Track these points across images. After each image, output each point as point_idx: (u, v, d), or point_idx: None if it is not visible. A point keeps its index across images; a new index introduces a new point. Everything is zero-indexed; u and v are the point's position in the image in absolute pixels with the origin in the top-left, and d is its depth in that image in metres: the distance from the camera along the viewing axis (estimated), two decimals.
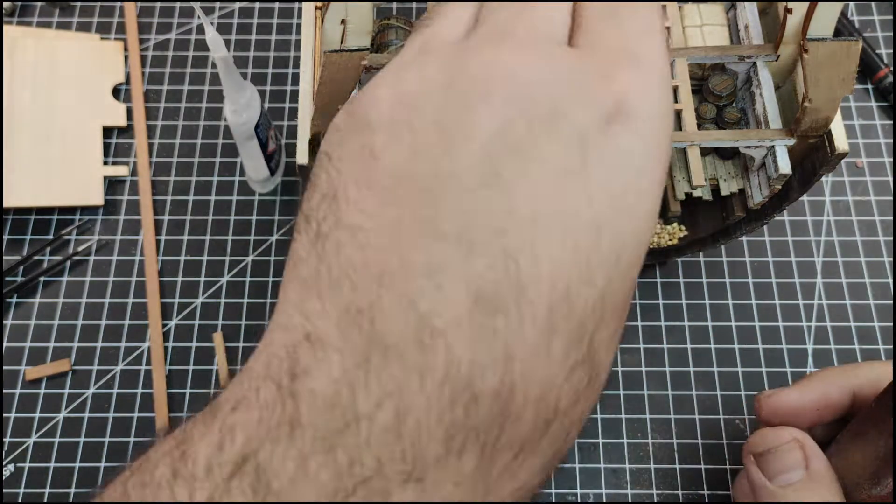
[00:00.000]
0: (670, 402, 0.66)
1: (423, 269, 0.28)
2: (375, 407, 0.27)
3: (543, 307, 0.27)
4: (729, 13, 0.56)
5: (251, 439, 0.28)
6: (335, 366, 0.28)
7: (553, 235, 0.28)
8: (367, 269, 0.29)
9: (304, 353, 0.29)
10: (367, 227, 0.29)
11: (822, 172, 0.50)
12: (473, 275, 0.27)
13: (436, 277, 0.28)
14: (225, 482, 0.28)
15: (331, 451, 0.27)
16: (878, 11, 0.81)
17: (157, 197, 0.75)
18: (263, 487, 0.27)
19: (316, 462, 0.27)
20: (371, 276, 0.28)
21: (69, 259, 0.72)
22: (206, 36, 0.59)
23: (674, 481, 0.64)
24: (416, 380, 0.27)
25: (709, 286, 0.70)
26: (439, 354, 0.27)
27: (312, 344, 0.29)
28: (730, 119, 0.54)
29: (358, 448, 0.27)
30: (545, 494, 0.63)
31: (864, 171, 0.74)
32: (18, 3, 0.82)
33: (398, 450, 0.27)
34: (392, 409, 0.27)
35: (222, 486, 0.27)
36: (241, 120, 0.66)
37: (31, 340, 0.69)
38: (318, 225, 0.31)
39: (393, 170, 0.30)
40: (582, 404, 0.29)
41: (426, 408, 0.27)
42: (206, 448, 0.28)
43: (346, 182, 0.30)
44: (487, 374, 0.27)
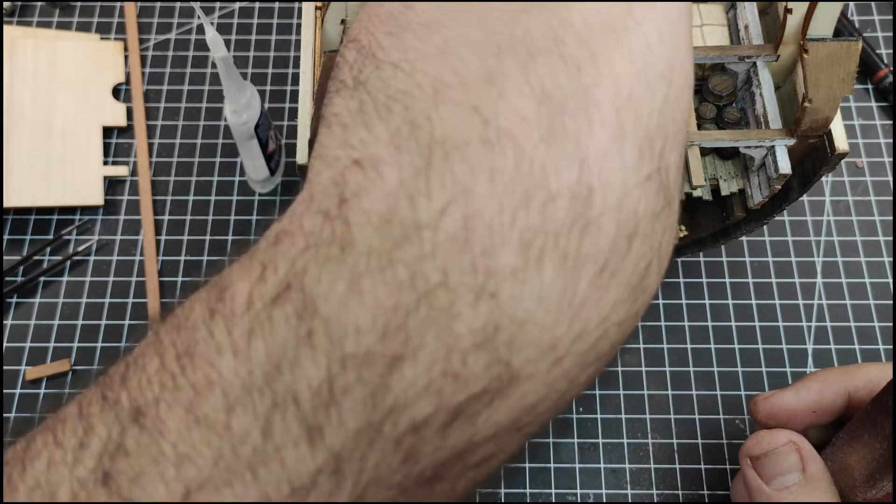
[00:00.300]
0: (670, 402, 0.66)
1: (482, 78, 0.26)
2: (439, 214, 0.25)
3: (610, 110, 0.26)
4: (729, 13, 0.56)
5: (295, 264, 0.26)
6: (390, 180, 0.26)
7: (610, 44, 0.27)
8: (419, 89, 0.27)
9: (354, 177, 0.26)
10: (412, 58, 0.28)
11: (822, 173, 0.50)
12: (536, 78, 0.26)
13: (497, 84, 0.26)
14: (266, 310, 0.26)
15: (388, 266, 0.25)
16: (878, 11, 0.81)
17: (157, 197, 0.75)
18: (310, 312, 0.25)
19: (371, 280, 0.25)
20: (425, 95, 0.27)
21: (69, 259, 0.72)
22: (206, 36, 0.59)
23: (674, 481, 0.64)
24: (484, 181, 0.25)
25: (709, 286, 0.70)
26: (508, 153, 0.25)
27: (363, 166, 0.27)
28: (730, 119, 0.54)
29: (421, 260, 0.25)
30: (545, 495, 0.63)
31: (864, 171, 0.74)
32: (18, 3, 0.82)
33: (467, 259, 0.25)
34: (459, 215, 0.25)
35: (263, 316, 0.26)
36: (241, 120, 0.66)
37: (31, 340, 0.69)
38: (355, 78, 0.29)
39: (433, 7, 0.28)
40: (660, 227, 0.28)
41: (498, 210, 0.25)
42: (247, 284, 0.27)
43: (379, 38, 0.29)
44: (562, 171, 0.25)
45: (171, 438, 0.26)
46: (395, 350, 0.25)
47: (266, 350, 0.25)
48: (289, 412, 0.25)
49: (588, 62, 0.27)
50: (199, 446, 0.25)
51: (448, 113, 0.26)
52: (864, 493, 0.46)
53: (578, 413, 0.66)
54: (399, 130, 0.26)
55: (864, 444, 0.46)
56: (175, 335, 0.27)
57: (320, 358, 0.25)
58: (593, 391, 0.66)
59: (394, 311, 0.25)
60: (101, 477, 0.26)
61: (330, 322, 0.25)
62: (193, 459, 0.25)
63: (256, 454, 0.25)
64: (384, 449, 0.25)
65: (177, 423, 0.26)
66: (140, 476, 0.26)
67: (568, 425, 0.65)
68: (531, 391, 0.26)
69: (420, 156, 0.26)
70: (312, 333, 0.25)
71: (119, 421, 0.27)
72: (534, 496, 0.63)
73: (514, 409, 0.26)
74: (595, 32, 0.27)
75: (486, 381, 0.25)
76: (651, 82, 0.27)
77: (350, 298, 0.25)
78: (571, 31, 0.27)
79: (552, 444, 0.65)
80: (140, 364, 0.28)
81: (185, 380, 0.26)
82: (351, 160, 0.27)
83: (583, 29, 0.27)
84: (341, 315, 0.25)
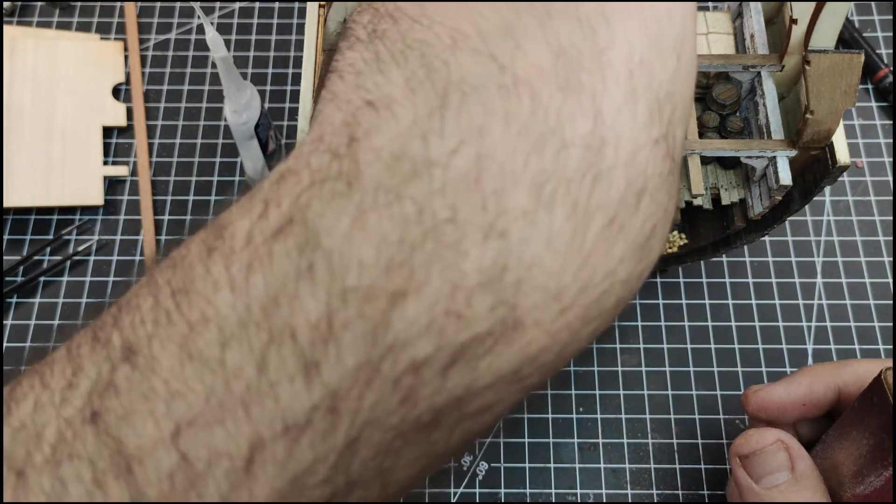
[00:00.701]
0: (670, 402, 0.66)
1: (500, 30, 0.27)
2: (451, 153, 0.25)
3: (624, 69, 0.27)
4: (735, 22, 0.56)
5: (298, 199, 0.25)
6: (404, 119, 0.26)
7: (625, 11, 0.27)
8: (438, 39, 0.27)
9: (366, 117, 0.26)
10: (431, 12, 0.28)
11: (824, 185, 0.50)
12: (553, 34, 0.26)
13: (514, 37, 0.26)
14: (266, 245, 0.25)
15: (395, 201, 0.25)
16: (878, 11, 0.81)
17: (157, 197, 0.75)
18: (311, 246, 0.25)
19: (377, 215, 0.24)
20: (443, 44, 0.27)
21: (69, 259, 0.72)
22: (206, 36, 0.59)
23: (674, 481, 0.64)
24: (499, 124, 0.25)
25: (709, 286, 0.70)
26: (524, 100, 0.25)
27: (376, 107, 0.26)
28: (733, 128, 0.54)
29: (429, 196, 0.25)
30: (545, 495, 0.63)
31: (864, 171, 0.74)
32: (18, 3, 0.82)
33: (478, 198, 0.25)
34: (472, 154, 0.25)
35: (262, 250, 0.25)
36: (241, 120, 0.66)
37: (31, 340, 0.69)
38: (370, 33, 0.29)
39: None
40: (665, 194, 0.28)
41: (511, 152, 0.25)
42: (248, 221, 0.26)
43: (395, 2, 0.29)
44: (577, 120, 0.25)
45: (162, 375, 0.25)
46: (398, 285, 0.24)
47: (264, 284, 0.25)
48: (285, 347, 0.25)
49: (603, 26, 0.27)
50: (192, 382, 0.25)
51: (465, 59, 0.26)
52: (853, 489, 0.47)
53: (578, 413, 0.66)
54: (415, 73, 0.26)
55: (851, 440, 0.47)
56: (170, 274, 0.27)
57: (320, 292, 0.24)
58: (593, 391, 0.67)
59: (399, 245, 0.24)
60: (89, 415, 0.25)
61: (332, 255, 0.25)
62: (184, 395, 0.25)
63: (250, 390, 0.25)
64: (382, 388, 0.25)
65: (169, 360, 0.25)
66: (129, 413, 0.25)
67: (568, 425, 0.66)
68: (534, 339, 0.26)
69: (436, 96, 0.26)
70: (313, 267, 0.25)
71: (110, 360, 0.26)
72: (534, 496, 0.63)
73: (516, 356, 0.26)
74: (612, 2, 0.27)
75: (489, 323, 0.25)
76: (662, 52, 0.28)
77: (354, 232, 0.25)
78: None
79: (552, 444, 0.65)
80: (133, 304, 0.27)
81: (179, 316, 0.26)
82: (364, 101, 0.27)
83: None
84: (344, 249, 0.24)
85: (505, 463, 0.64)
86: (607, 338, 0.68)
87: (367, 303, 0.24)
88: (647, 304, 0.70)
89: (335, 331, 0.24)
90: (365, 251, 0.24)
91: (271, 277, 0.25)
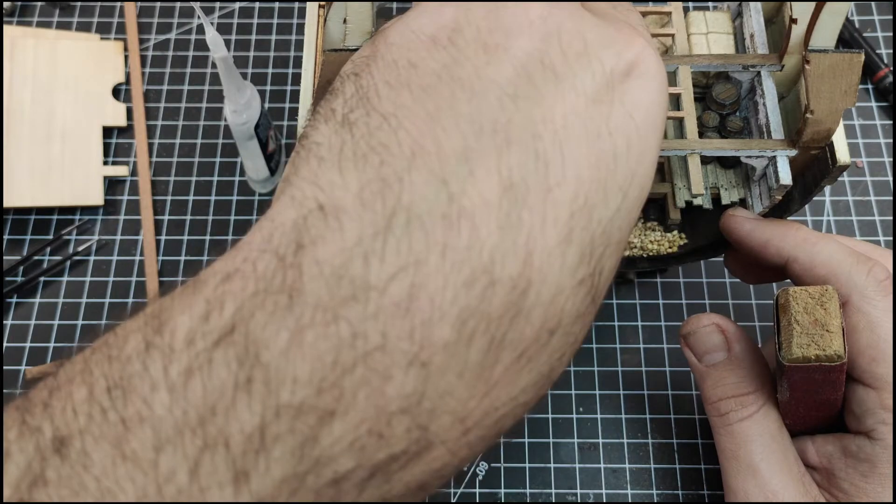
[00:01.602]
0: (670, 402, 0.66)
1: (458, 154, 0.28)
2: (389, 279, 0.26)
3: (565, 212, 0.28)
4: (735, 21, 0.56)
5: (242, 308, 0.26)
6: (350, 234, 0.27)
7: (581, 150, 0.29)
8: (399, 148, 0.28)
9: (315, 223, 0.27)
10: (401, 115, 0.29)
11: (824, 184, 0.50)
12: (506, 166, 0.28)
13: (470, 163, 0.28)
14: (207, 352, 0.26)
15: (332, 322, 0.26)
16: (878, 11, 0.81)
17: (157, 197, 0.75)
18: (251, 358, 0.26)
19: (314, 333, 0.26)
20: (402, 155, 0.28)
21: (69, 259, 0.72)
22: (206, 36, 0.59)
23: (674, 481, 0.64)
24: (436, 255, 0.27)
25: (708, 286, 0.70)
26: (464, 234, 0.27)
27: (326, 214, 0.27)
28: (732, 128, 0.54)
29: (363, 321, 0.26)
30: (545, 495, 0.63)
31: (864, 171, 0.74)
32: (18, 3, 0.82)
33: (407, 327, 0.26)
34: (406, 283, 0.26)
35: (203, 357, 0.26)
36: (241, 120, 0.66)
37: (31, 340, 0.69)
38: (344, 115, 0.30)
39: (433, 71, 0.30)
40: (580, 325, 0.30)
41: (443, 286, 0.26)
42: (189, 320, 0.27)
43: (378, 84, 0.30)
44: (508, 261, 0.27)
45: (94, 472, 0.25)
46: (328, 404, 0.26)
47: (203, 391, 0.26)
48: (218, 455, 0.25)
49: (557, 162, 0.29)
50: (123, 482, 0.25)
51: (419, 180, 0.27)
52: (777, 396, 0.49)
53: (578, 413, 0.66)
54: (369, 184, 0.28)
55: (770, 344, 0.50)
56: (106, 366, 0.27)
57: (256, 405, 0.25)
58: (593, 391, 0.67)
59: (332, 366, 0.26)
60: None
61: (270, 370, 0.26)
62: (115, 495, 0.25)
63: (181, 494, 0.25)
64: (305, 498, 0.26)
65: (102, 457, 0.25)
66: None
67: (568, 425, 0.65)
68: (439, 456, 0.28)
69: (383, 217, 0.27)
70: (251, 380, 0.26)
71: (39, 450, 0.26)
72: (534, 496, 0.63)
73: (424, 471, 0.28)
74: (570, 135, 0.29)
75: (405, 443, 0.27)
76: (608, 192, 0.30)
77: (292, 349, 0.26)
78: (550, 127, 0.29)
79: (552, 444, 0.65)
80: (65, 392, 0.27)
81: (115, 414, 0.26)
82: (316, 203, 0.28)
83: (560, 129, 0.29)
84: (281, 364, 0.26)
85: (505, 463, 0.64)
86: (607, 338, 0.68)
87: (299, 419, 0.26)
88: (647, 304, 0.70)
89: (266, 443, 0.26)
90: (300, 369, 0.26)
91: (210, 385, 0.26)
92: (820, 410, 0.49)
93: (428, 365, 0.26)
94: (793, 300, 0.44)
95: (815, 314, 0.44)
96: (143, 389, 0.26)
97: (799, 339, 0.44)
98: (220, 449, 0.25)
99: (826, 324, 0.44)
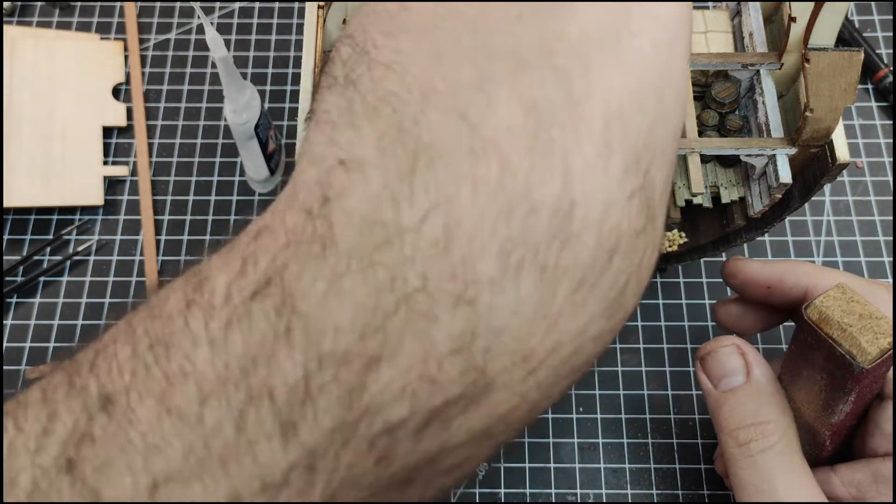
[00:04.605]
0: (670, 402, 0.66)
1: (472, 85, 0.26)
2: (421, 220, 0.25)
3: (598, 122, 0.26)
4: (734, 20, 0.56)
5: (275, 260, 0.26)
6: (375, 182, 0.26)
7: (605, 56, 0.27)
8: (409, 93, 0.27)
9: (338, 177, 0.26)
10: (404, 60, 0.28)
11: (823, 182, 0.50)
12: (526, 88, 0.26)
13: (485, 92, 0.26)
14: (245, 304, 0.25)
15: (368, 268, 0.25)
16: (878, 11, 0.81)
17: (157, 197, 0.75)
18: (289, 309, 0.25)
19: (351, 280, 0.25)
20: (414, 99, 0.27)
21: (69, 259, 0.72)
22: (206, 36, 0.59)
23: (674, 481, 0.64)
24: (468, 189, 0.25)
25: (709, 286, 0.70)
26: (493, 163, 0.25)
27: (348, 167, 0.26)
28: (732, 126, 0.54)
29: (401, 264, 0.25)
30: (545, 495, 0.63)
31: (864, 171, 0.74)
32: (18, 3, 0.82)
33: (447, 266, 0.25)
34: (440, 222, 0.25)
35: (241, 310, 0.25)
36: (241, 120, 0.66)
37: (31, 340, 0.69)
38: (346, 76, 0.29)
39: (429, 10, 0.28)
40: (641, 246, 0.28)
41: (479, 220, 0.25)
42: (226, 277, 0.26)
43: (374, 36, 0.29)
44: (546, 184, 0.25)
45: (140, 428, 0.25)
46: (372, 351, 0.25)
47: (243, 343, 0.25)
48: (263, 407, 0.25)
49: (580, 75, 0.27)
50: (170, 437, 0.25)
51: (435, 118, 0.26)
52: (828, 420, 0.47)
53: (578, 413, 0.66)
54: (386, 133, 0.26)
55: (805, 379, 0.47)
56: (149, 324, 0.27)
57: (297, 355, 0.25)
58: (593, 391, 0.66)
59: (373, 312, 0.25)
60: (65, 464, 0.25)
61: (309, 319, 0.25)
62: (162, 450, 0.25)
63: (228, 448, 0.25)
64: (358, 449, 0.26)
65: (147, 413, 0.25)
66: (106, 465, 0.25)
67: (568, 425, 0.65)
68: (504, 400, 0.27)
69: (405, 160, 0.26)
70: (290, 330, 0.25)
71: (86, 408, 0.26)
72: (534, 496, 0.63)
73: (487, 416, 0.27)
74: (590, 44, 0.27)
75: (461, 387, 0.26)
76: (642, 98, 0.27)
77: (329, 297, 0.25)
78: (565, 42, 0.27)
79: (552, 444, 0.65)
80: (110, 352, 0.27)
81: (158, 369, 0.26)
82: (336, 160, 0.27)
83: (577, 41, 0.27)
84: (320, 313, 0.25)
85: (505, 463, 0.64)
86: None
87: (343, 367, 0.25)
88: (647, 304, 0.70)
89: (312, 393, 0.25)
90: (340, 317, 0.25)
91: (250, 337, 0.25)
92: (857, 419, 0.48)
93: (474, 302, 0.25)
94: (826, 309, 0.43)
95: (855, 310, 0.43)
96: (184, 345, 0.26)
97: (865, 337, 0.42)
98: (265, 401, 0.25)
99: (871, 313, 0.43)
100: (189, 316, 0.26)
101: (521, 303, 0.26)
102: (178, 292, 0.27)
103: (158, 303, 0.27)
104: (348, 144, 0.27)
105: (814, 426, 0.48)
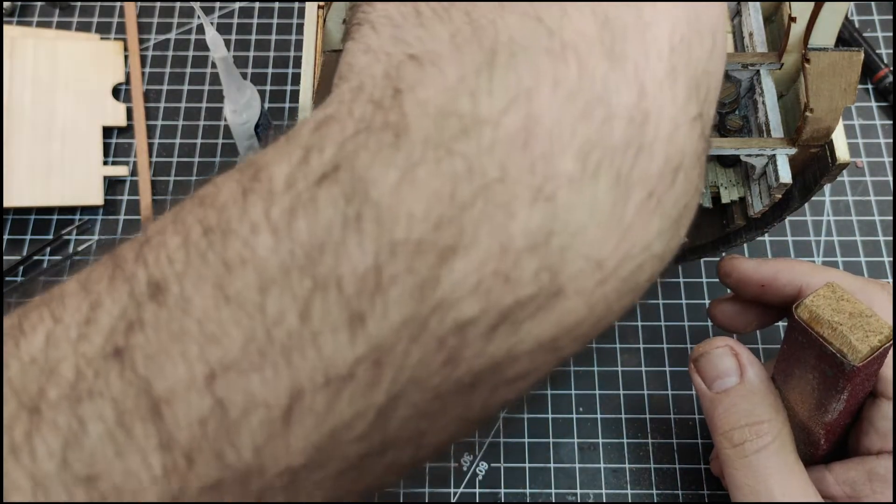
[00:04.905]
0: (670, 402, 0.66)
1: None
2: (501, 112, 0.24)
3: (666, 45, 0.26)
4: (734, 20, 0.56)
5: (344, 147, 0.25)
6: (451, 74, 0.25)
7: None
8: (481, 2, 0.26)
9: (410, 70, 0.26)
10: None
11: (823, 182, 0.50)
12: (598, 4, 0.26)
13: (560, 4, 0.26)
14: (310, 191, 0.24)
15: (445, 157, 0.24)
16: (878, 11, 0.81)
17: (157, 197, 0.75)
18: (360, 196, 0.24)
19: (426, 169, 0.24)
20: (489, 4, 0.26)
21: (69, 259, 0.72)
22: (206, 36, 0.59)
23: (674, 481, 0.64)
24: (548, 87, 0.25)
25: (709, 286, 0.70)
26: (572, 65, 0.25)
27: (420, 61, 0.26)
28: (732, 126, 0.54)
29: (479, 154, 0.24)
30: (545, 495, 0.63)
31: (864, 171, 0.74)
32: (18, 3, 0.82)
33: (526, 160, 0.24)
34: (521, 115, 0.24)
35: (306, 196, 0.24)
36: (241, 120, 0.66)
37: None
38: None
39: None
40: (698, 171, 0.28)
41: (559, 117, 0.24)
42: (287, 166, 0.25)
43: None
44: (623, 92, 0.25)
45: (195, 315, 0.24)
46: (447, 241, 0.24)
47: (309, 230, 0.24)
48: (330, 296, 0.24)
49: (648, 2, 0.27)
50: (228, 326, 0.24)
51: (513, 20, 0.26)
52: (822, 418, 0.47)
53: (578, 413, 0.66)
54: (460, 30, 0.26)
55: (798, 378, 0.47)
56: (200, 213, 0.25)
57: (368, 243, 0.24)
58: (593, 391, 0.66)
59: (449, 201, 0.24)
60: (112, 352, 0.24)
61: (381, 207, 0.24)
62: (220, 339, 0.24)
63: (291, 339, 0.24)
64: (427, 346, 0.25)
65: (203, 301, 0.24)
66: (158, 353, 0.24)
67: (568, 425, 0.65)
68: (573, 308, 0.26)
69: (483, 54, 0.25)
70: (361, 217, 0.24)
71: (134, 296, 0.25)
72: (534, 496, 0.63)
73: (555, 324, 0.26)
74: None
75: (534, 287, 0.25)
76: (701, 32, 0.28)
77: (403, 185, 0.24)
78: None
79: (552, 444, 0.65)
80: (158, 241, 0.26)
81: (214, 255, 0.25)
82: (406, 55, 0.26)
83: None
84: (394, 201, 0.24)
85: (505, 463, 0.64)
86: (607, 338, 0.68)
87: (417, 257, 0.24)
88: (647, 304, 0.70)
89: (383, 284, 0.24)
90: (415, 205, 0.24)
91: (316, 224, 0.24)
92: (852, 417, 0.48)
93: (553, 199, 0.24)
94: (817, 308, 0.44)
95: (845, 308, 0.43)
96: (243, 231, 0.25)
97: (855, 335, 0.42)
98: (332, 290, 0.24)
99: (861, 311, 0.43)
100: (247, 204, 0.25)
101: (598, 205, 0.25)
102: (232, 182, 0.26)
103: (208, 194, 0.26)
104: (417, 41, 0.26)
105: (808, 425, 0.48)
